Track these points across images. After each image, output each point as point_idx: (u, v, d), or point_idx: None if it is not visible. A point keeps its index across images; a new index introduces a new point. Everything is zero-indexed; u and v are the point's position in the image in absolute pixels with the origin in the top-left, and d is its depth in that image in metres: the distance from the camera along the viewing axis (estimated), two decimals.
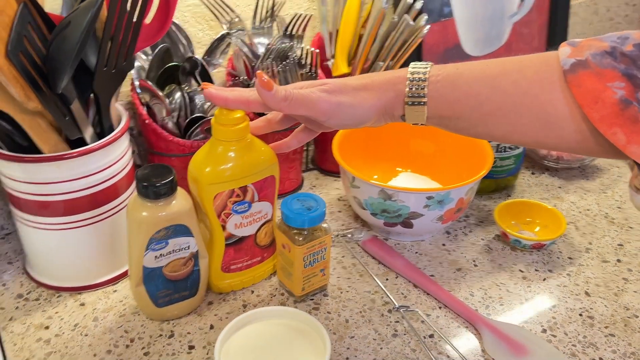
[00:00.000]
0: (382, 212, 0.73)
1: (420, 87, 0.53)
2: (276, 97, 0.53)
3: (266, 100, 0.54)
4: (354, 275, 0.73)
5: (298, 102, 0.54)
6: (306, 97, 0.54)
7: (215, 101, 0.57)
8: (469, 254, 0.77)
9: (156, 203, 0.60)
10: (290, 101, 0.54)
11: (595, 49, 0.48)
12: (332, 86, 0.55)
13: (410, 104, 0.53)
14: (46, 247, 0.68)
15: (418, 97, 0.53)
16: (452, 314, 0.67)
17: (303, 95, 0.54)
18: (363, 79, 0.56)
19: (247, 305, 0.69)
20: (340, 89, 0.55)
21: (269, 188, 0.67)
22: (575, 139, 0.50)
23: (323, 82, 0.55)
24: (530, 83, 0.50)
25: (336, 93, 0.54)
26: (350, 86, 0.55)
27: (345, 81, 0.56)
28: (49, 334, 0.64)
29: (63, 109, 0.59)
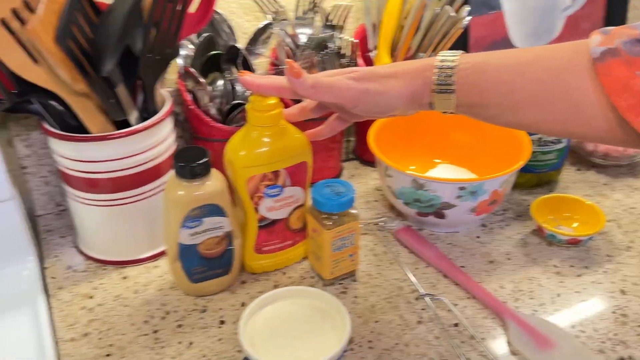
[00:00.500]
0: (415, 202, 0.74)
1: (448, 74, 0.53)
2: (304, 84, 0.55)
3: (295, 87, 0.56)
4: (384, 262, 0.74)
5: (325, 88, 0.56)
6: (333, 84, 0.56)
7: (249, 87, 0.59)
8: (503, 247, 0.77)
9: (192, 182, 0.63)
10: (317, 88, 0.56)
11: (626, 37, 0.47)
12: (361, 74, 0.56)
13: (438, 92, 0.54)
14: (94, 222, 0.72)
15: (446, 85, 0.53)
16: (480, 305, 0.68)
17: (330, 82, 0.56)
18: (392, 67, 0.57)
19: (278, 285, 0.71)
20: (368, 76, 0.56)
21: (301, 174, 0.69)
22: (603, 128, 0.49)
23: (352, 70, 0.57)
24: (560, 71, 0.50)
25: (364, 80, 0.56)
26: (378, 74, 0.56)
27: (373, 69, 0.57)
28: (93, 303, 0.69)
29: (108, 91, 0.63)
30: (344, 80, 0.56)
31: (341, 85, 0.56)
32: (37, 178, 0.82)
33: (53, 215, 0.84)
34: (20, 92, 0.62)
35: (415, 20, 0.81)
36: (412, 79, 0.55)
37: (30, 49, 0.57)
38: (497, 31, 1.00)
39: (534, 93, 0.51)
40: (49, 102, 0.63)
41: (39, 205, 0.84)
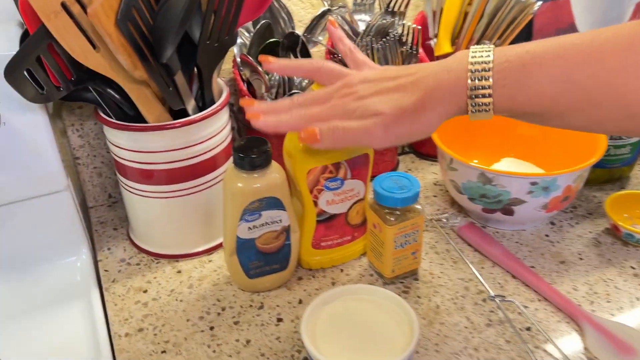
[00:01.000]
0: (481, 197, 0.70)
1: (485, 95, 0.48)
2: (325, 143, 0.53)
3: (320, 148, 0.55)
4: (448, 261, 0.71)
5: (349, 140, 0.53)
6: (357, 135, 0.52)
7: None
8: (574, 247, 0.72)
9: (251, 174, 0.60)
10: (339, 141, 0.53)
11: None
12: (388, 118, 0.51)
13: (474, 112, 0.50)
14: (148, 214, 0.71)
15: (482, 106, 0.49)
16: (553, 308, 0.63)
17: (353, 133, 0.52)
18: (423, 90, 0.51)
19: (335, 283, 0.68)
20: (397, 118, 0.51)
21: (362, 166, 0.66)
22: None
23: (378, 111, 0.52)
24: (612, 73, 0.45)
25: (392, 126, 0.52)
26: (408, 111, 0.51)
27: (402, 104, 0.51)
28: (147, 297, 0.67)
29: (167, 79, 0.61)
30: (370, 129, 0.52)
31: (367, 138, 0.52)
32: (90, 169, 0.81)
33: (105, 207, 0.83)
34: (77, 80, 0.60)
35: (480, 5, 0.77)
36: (444, 105, 0.51)
37: (90, 35, 0.55)
38: (562, 18, 0.95)
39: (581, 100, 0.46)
40: (106, 90, 0.62)
41: (91, 196, 0.83)
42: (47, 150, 0.65)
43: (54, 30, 0.53)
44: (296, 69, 0.61)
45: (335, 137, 0.53)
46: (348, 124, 0.52)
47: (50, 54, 0.56)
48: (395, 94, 0.52)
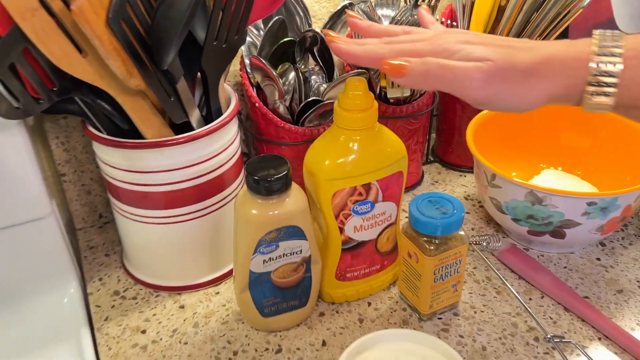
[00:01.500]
0: (528, 219, 0.61)
1: (611, 73, 0.40)
2: (412, 78, 0.43)
3: (403, 84, 0.45)
4: (490, 291, 0.62)
5: (441, 80, 0.43)
6: (454, 75, 0.43)
7: (343, 57, 0.47)
8: (631, 272, 0.64)
9: (268, 200, 0.51)
10: (431, 79, 0.43)
11: None
12: (495, 66, 0.42)
13: (594, 94, 0.41)
14: (146, 241, 0.61)
15: (606, 87, 0.41)
16: (616, 348, 0.55)
17: (450, 72, 0.43)
18: (536, 55, 0.43)
19: (363, 319, 0.59)
20: (504, 72, 0.42)
21: (395, 186, 0.57)
22: None
23: (486, 56, 0.43)
24: None
25: (497, 78, 0.42)
26: (518, 69, 0.42)
27: (514, 59, 0.43)
28: (146, 339, 0.58)
29: (168, 88, 0.51)
30: (470, 73, 0.42)
31: (464, 82, 0.43)
32: (77, 187, 0.71)
33: (95, 229, 0.74)
34: (61, 90, 0.50)
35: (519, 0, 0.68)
36: (558, 78, 0.42)
37: (75, 37, 0.45)
38: (600, 12, 0.86)
39: None
40: (96, 101, 0.52)
41: (79, 217, 0.73)
42: (27, 174, 0.55)
43: (30, 31, 0.43)
44: None
45: (427, 73, 0.43)
46: (446, 62, 0.43)
47: (27, 60, 0.46)
48: (506, 49, 0.43)
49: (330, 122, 0.66)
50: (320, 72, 0.66)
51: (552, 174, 0.72)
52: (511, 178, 0.60)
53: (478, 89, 0.43)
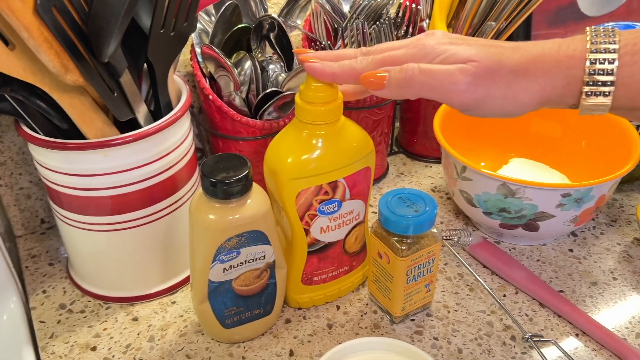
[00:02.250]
0: (500, 212, 0.59)
1: (607, 71, 0.38)
2: (393, 89, 0.41)
3: (385, 96, 0.42)
4: (463, 289, 0.59)
5: (424, 87, 0.40)
6: (437, 80, 0.40)
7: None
8: (604, 264, 0.62)
9: (227, 204, 0.47)
10: (413, 87, 0.40)
11: None
12: (481, 67, 0.39)
13: (590, 94, 0.38)
14: (92, 250, 0.56)
15: (602, 86, 0.38)
16: (595, 344, 0.53)
17: (433, 77, 0.40)
18: (525, 53, 0.40)
19: (332, 325, 0.56)
20: (492, 72, 0.39)
21: (363, 183, 0.53)
22: None
23: (470, 57, 0.40)
24: None
25: (485, 79, 0.39)
26: (507, 68, 0.39)
27: (500, 57, 0.40)
28: (97, 357, 0.53)
29: (111, 82, 0.46)
30: (455, 77, 0.39)
31: (448, 87, 0.40)
32: (15, 191, 0.65)
33: (37, 235, 0.68)
34: None
35: None
36: (550, 78, 0.39)
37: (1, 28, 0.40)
38: None
39: None
40: (29, 98, 0.46)
41: (18, 223, 0.67)
42: None
43: None
44: None
45: (408, 81, 0.40)
46: (427, 66, 0.40)
47: None
48: (493, 48, 0.40)
49: (291, 114, 0.62)
50: (279, 60, 0.61)
51: (521, 163, 0.70)
52: (482, 170, 0.57)
53: (464, 93, 0.40)
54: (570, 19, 0.86)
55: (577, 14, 0.86)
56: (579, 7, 0.85)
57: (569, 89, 0.39)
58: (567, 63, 0.39)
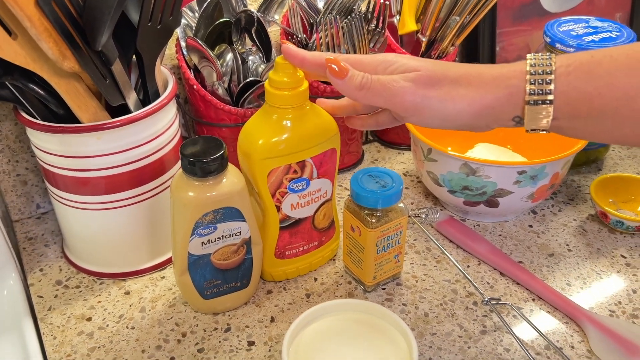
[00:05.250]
0: (463, 190, 0.64)
1: (546, 81, 0.42)
2: (350, 85, 0.46)
3: (339, 88, 0.47)
4: (430, 261, 0.64)
5: (376, 92, 0.46)
6: (386, 86, 0.45)
7: (291, 59, 0.49)
8: (560, 237, 0.67)
9: (204, 182, 0.51)
10: (366, 90, 0.46)
11: None
12: (425, 75, 0.45)
13: (533, 103, 0.43)
14: (86, 228, 0.60)
15: (543, 95, 0.42)
16: (549, 308, 0.58)
17: (383, 85, 0.45)
18: (469, 69, 0.45)
19: (310, 294, 0.61)
20: (433, 80, 0.45)
21: (329, 163, 0.58)
22: None
23: (416, 67, 0.45)
24: None
25: (426, 85, 0.45)
26: (448, 77, 0.45)
27: (442, 69, 0.45)
28: (92, 326, 0.57)
29: (103, 70, 0.51)
30: (400, 83, 0.45)
31: (396, 89, 0.45)
32: (12, 177, 0.69)
33: (33, 220, 0.72)
34: None
35: None
36: (491, 87, 0.44)
37: (4, 18, 0.44)
38: None
39: None
40: (28, 85, 0.51)
41: (15, 208, 0.71)
42: None
43: None
44: None
45: (364, 85, 0.46)
46: (381, 77, 0.46)
47: None
48: (439, 64, 0.46)
49: None
50: (258, 52, 0.66)
51: (484, 148, 0.75)
52: (446, 151, 0.62)
53: (403, 96, 0.45)
54: (534, 15, 0.91)
55: (540, 10, 0.92)
56: (541, 4, 0.91)
57: (511, 99, 0.43)
58: (509, 75, 0.43)
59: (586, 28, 0.72)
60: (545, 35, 0.72)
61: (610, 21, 0.74)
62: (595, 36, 0.70)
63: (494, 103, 0.44)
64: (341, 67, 0.46)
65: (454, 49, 0.77)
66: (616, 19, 1.00)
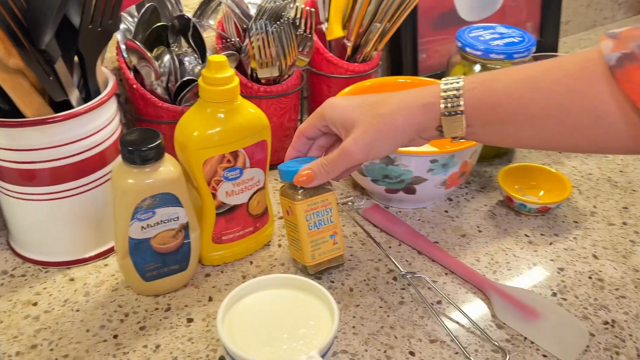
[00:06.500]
0: (384, 178, 0.71)
1: (456, 95, 0.52)
2: (321, 179, 0.59)
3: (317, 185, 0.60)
4: (356, 244, 0.70)
5: (336, 168, 0.58)
6: (339, 161, 0.57)
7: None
8: (472, 220, 0.75)
9: (142, 169, 0.56)
10: (332, 173, 0.58)
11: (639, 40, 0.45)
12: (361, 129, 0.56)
13: (447, 115, 0.52)
14: (32, 219, 0.64)
15: (454, 107, 0.52)
16: (459, 280, 0.65)
17: (335, 162, 0.57)
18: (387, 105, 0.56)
19: (246, 276, 0.66)
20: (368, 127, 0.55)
21: (260, 153, 0.64)
22: (630, 135, 0.47)
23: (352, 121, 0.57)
24: (573, 80, 0.48)
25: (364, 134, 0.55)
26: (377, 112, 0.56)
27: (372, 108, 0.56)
28: (38, 310, 0.61)
29: (47, 67, 0.55)
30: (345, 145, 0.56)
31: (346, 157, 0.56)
32: None
33: None
34: None
35: None
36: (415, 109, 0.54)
37: None
38: (444, 2, 0.98)
39: (549, 105, 0.49)
40: None
41: None
42: None
43: None
44: None
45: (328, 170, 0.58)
46: (330, 157, 0.58)
47: None
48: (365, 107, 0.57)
49: None
50: (194, 53, 0.71)
51: None
52: None
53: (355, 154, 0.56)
54: (452, 24, 0.99)
55: (457, 19, 1.00)
56: (458, 14, 1.00)
57: (431, 113, 0.53)
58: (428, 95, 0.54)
59: (493, 34, 0.80)
60: (457, 41, 0.80)
61: (515, 28, 0.82)
62: (501, 41, 0.78)
63: (420, 117, 0.54)
64: (305, 176, 0.59)
65: (377, 53, 0.84)
66: (527, 28, 1.09)
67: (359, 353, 0.56)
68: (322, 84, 0.86)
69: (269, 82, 0.77)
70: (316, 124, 0.61)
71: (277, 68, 0.73)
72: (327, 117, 0.59)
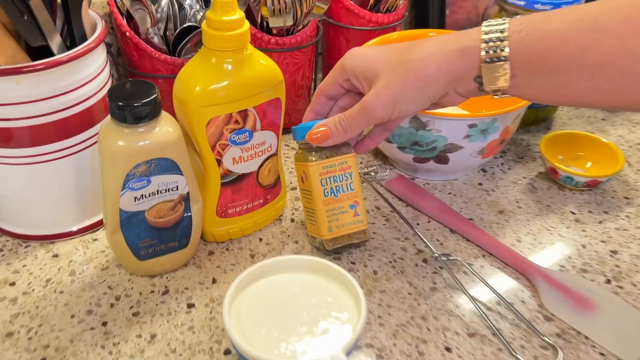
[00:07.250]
0: (413, 145, 0.62)
1: (500, 38, 0.44)
2: (337, 138, 0.51)
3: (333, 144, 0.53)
4: (379, 219, 0.62)
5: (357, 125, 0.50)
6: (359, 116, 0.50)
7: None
8: (510, 194, 0.66)
9: (135, 129, 0.47)
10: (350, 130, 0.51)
11: None
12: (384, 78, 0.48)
13: (489, 61, 0.44)
14: (11, 185, 0.55)
15: (497, 52, 0.44)
16: (499, 263, 0.57)
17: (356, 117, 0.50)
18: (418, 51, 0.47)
19: (255, 255, 0.57)
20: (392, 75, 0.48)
21: (274, 113, 0.55)
22: None
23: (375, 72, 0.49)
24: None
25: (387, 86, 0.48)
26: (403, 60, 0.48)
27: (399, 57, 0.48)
28: (16, 291, 0.53)
29: (20, 4, 0.46)
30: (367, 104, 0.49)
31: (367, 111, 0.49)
32: None
33: None
34: None
35: None
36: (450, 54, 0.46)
37: None
38: None
39: (613, 50, 0.41)
40: None
41: None
42: None
43: None
44: None
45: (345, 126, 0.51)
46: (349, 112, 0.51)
47: None
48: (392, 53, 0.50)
49: None
50: None
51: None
52: None
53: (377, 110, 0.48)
54: None
55: None
56: None
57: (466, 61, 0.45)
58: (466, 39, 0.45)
59: None
60: None
61: None
62: None
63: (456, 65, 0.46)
64: (323, 134, 0.51)
65: (403, 2, 0.74)
66: None
67: (387, 347, 0.48)
68: (340, 37, 0.76)
69: (281, 32, 0.67)
70: (337, 79, 0.53)
71: (291, 16, 0.63)
72: (347, 68, 0.51)
